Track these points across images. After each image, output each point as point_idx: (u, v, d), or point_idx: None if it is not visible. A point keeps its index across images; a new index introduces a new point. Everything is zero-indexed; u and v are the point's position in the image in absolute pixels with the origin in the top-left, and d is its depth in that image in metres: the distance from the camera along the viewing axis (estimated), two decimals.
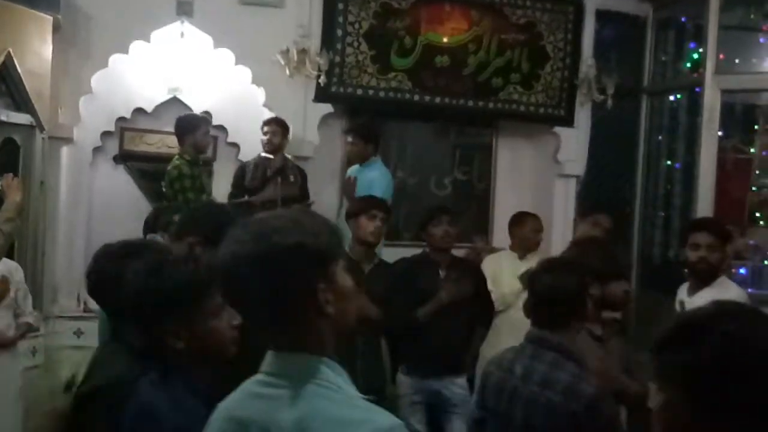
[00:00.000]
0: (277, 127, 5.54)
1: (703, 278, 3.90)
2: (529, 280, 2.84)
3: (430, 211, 4.83)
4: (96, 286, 2.40)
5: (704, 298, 3.75)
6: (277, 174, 5.48)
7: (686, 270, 4.00)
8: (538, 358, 2.61)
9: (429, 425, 4.68)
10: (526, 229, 5.18)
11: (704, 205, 6.06)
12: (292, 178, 5.60)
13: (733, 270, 6.22)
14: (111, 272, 2.26)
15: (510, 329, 4.51)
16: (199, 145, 5.31)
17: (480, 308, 4.68)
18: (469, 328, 4.70)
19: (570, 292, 2.64)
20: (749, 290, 6.02)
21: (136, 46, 5.58)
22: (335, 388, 1.49)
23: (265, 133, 5.52)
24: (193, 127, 5.28)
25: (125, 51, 5.55)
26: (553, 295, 2.65)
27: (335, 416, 1.44)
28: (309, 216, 1.58)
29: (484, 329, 4.71)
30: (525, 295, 4.27)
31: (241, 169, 5.61)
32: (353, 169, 5.68)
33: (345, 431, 1.42)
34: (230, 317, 1.86)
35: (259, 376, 1.55)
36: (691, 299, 3.86)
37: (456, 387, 4.53)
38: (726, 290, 3.86)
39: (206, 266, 1.89)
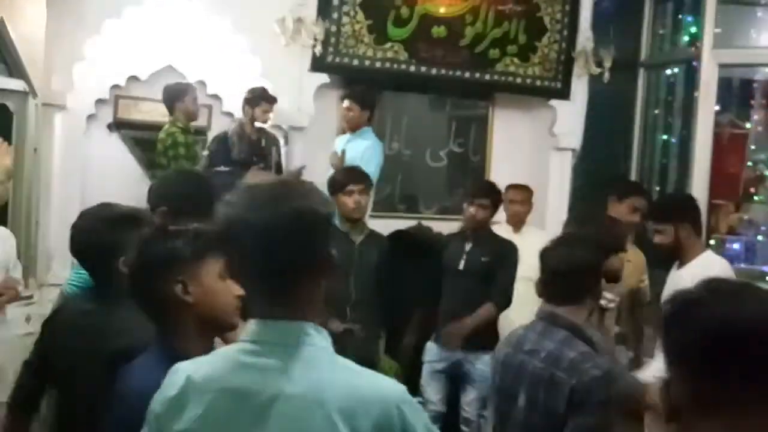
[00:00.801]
0: (272, 106, 5.56)
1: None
2: (541, 255, 2.79)
3: (472, 188, 4.93)
4: (82, 242, 2.44)
5: (689, 271, 3.71)
6: (258, 142, 5.52)
7: None
8: (549, 335, 2.59)
9: (448, 397, 4.77)
10: (506, 201, 5.19)
11: (700, 180, 6.10)
12: (272, 147, 5.64)
13: (727, 245, 6.29)
14: (98, 227, 2.38)
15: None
16: (189, 111, 5.32)
17: (498, 285, 4.63)
18: None
19: (584, 267, 2.63)
20: (742, 265, 6.11)
21: (130, 12, 5.52)
22: (330, 353, 1.52)
23: (264, 111, 5.49)
24: (181, 94, 5.30)
25: (119, 17, 5.49)
26: (566, 269, 2.62)
27: (349, 385, 1.47)
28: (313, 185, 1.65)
29: (493, 307, 4.58)
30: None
31: (222, 140, 5.52)
32: (343, 139, 5.67)
33: (361, 402, 1.44)
34: (234, 287, 1.87)
35: (241, 345, 1.54)
36: (678, 272, 3.84)
37: (480, 363, 4.54)
38: (710, 263, 3.82)
39: (207, 231, 1.90)
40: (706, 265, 3.75)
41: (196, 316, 1.88)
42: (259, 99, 5.48)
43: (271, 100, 5.52)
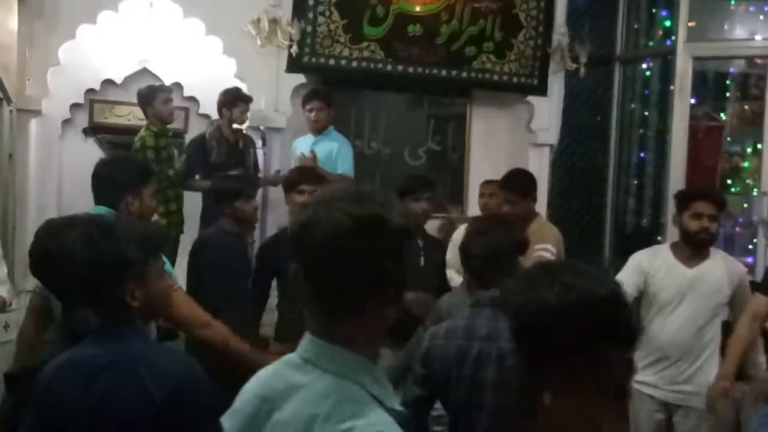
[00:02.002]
0: (249, 106, 5.55)
1: (702, 248, 3.83)
2: (464, 247, 2.85)
3: (409, 183, 4.72)
4: (38, 264, 2.30)
5: (705, 271, 3.76)
6: (235, 144, 5.51)
7: (684, 239, 3.94)
8: (501, 318, 2.49)
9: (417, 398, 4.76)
10: (480, 196, 5.24)
11: (676, 173, 6.13)
12: (249, 148, 5.65)
13: None
14: (53, 249, 2.20)
15: None
16: (160, 114, 5.31)
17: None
18: None
19: (508, 247, 2.73)
20: None
21: (104, 16, 5.50)
22: (366, 396, 1.39)
23: (242, 112, 5.49)
24: (150, 98, 5.30)
25: (93, 21, 5.47)
26: (493, 253, 2.70)
27: (338, 415, 1.35)
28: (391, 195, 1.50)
29: None
30: None
31: (199, 144, 5.50)
32: (304, 141, 5.62)
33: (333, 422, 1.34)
34: (169, 280, 2.02)
35: (294, 358, 1.48)
36: (694, 271, 3.80)
37: None
38: (730, 266, 3.86)
39: (150, 231, 1.99)
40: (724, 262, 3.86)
41: (137, 314, 1.97)
42: (236, 99, 5.47)
43: (247, 100, 5.52)
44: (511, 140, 6.84)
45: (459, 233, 5.21)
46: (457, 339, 2.67)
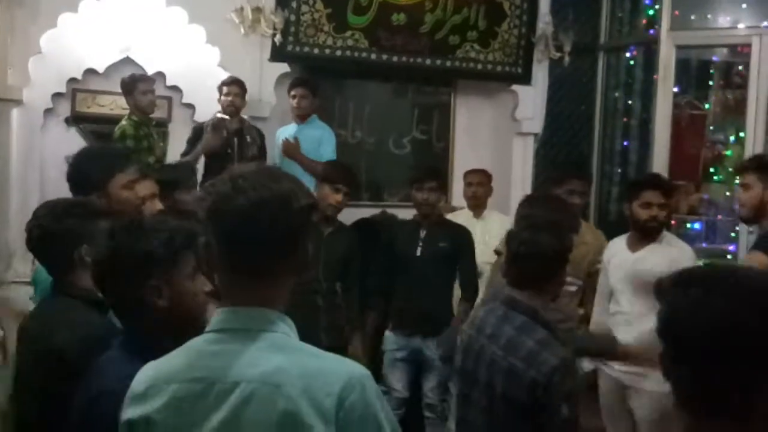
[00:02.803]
0: (238, 89, 5.49)
1: (651, 235, 3.91)
2: (507, 237, 2.77)
3: (417, 173, 4.89)
4: (39, 241, 2.39)
5: (654, 253, 3.82)
6: (235, 135, 5.44)
7: (633, 227, 4.01)
8: (509, 320, 2.58)
9: (410, 383, 4.77)
10: (465, 185, 5.23)
11: (660, 161, 6.15)
12: (249, 139, 5.58)
13: (688, 224, 6.38)
14: (53, 227, 2.31)
15: None
16: (139, 104, 5.26)
17: (463, 273, 4.69)
18: (449, 291, 4.74)
19: (548, 251, 2.58)
20: (703, 244, 6.20)
21: (86, 4, 5.46)
22: (293, 339, 1.55)
23: (226, 94, 5.46)
24: (131, 87, 5.26)
25: (75, 10, 5.43)
26: (528, 253, 2.58)
27: (310, 366, 1.48)
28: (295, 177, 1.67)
29: (466, 303, 4.56)
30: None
31: (198, 131, 5.52)
32: (288, 129, 5.66)
33: (323, 380, 1.45)
34: (203, 283, 1.85)
35: (207, 336, 1.56)
36: (636, 255, 3.89)
37: (435, 347, 4.59)
38: (677, 248, 3.90)
39: (183, 228, 1.87)
40: (670, 247, 3.87)
41: (168, 318, 1.83)
42: (221, 86, 5.48)
43: (230, 83, 5.48)
44: (495, 129, 6.86)
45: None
46: (471, 328, 2.73)
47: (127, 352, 1.81)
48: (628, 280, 3.85)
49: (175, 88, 5.93)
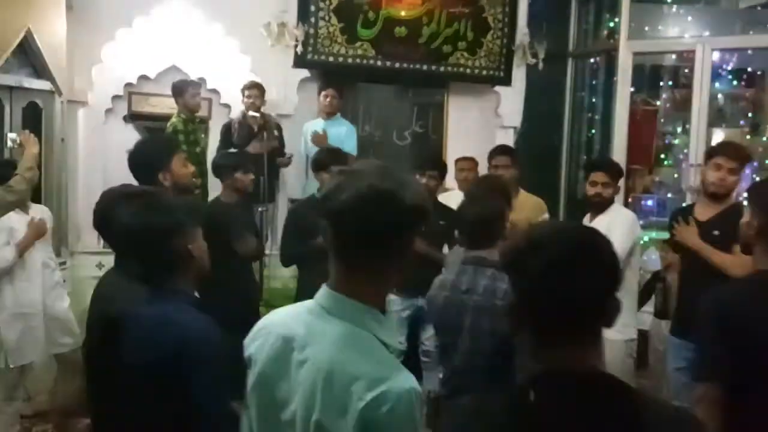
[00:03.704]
0: (258, 91, 5.48)
1: (599, 209, 3.91)
2: (459, 212, 2.82)
3: (422, 160, 4.87)
4: (101, 221, 2.39)
5: (599, 223, 3.77)
6: (261, 131, 5.42)
7: (585, 202, 4.03)
8: (480, 274, 2.60)
9: (410, 336, 4.76)
10: (456, 170, 5.20)
11: (619, 149, 6.13)
12: (276, 133, 5.58)
13: (642, 202, 6.37)
14: (112, 210, 2.22)
15: None
16: (189, 104, 5.26)
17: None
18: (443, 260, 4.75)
19: (497, 215, 2.69)
20: (654, 218, 6.19)
21: (139, 21, 5.48)
22: (374, 340, 1.39)
23: (248, 97, 5.43)
24: (181, 91, 5.26)
25: (129, 25, 5.46)
26: (483, 219, 2.68)
27: (360, 371, 1.32)
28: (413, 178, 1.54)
29: None
30: None
31: (228, 128, 5.51)
32: (315, 124, 5.66)
33: (364, 385, 1.29)
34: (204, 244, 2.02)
35: (309, 304, 1.47)
36: (590, 224, 3.84)
37: None
38: (616, 214, 3.91)
39: (193, 202, 2.07)
40: (614, 215, 3.87)
41: (193, 267, 1.99)
42: (244, 89, 5.46)
43: (252, 87, 5.45)
44: (481, 123, 6.80)
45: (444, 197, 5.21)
46: (445, 290, 2.72)
47: (168, 299, 1.92)
48: None
49: (214, 91, 5.91)
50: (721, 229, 3.32)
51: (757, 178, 5.25)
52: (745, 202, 2.31)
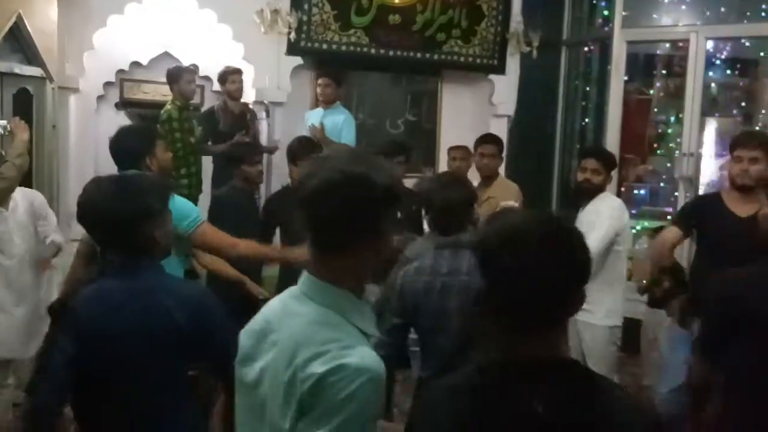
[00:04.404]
0: (241, 77, 5.39)
1: (588, 195, 3.88)
2: (426, 199, 2.78)
3: (384, 148, 4.69)
4: (82, 212, 2.29)
5: (588, 210, 3.80)
6: (243, 117, 5.36)
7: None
8: (459, 256, 2.57)
9: None
10: (449, 159, 5.14)
11: (612, 138, 6.06)
12: (254, 117, 5.54)
13: (635, 191, 6.29)
14: (94, 200, 2.15)
15: None
16: (184, 92, 5.16)
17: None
18: None
19: (466, 201, 2.68)
20: (647, 207, 6.13)
21: (131, 7, 5.39)
22: (345, 324, 1.36)
23: (233, 82, 5.32)
24: (177, 77, 5.16)
25: (121, 12, 5.37)
26: (454, 205, 2.66)
27: (322, 348, 1.29)
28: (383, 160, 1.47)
29: None
30: None
31: (210, 114, 5.40)
32: (315, 113, 5.54)
33: (321, 359, 1.28)
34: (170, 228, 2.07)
35: (293, 289, 1.45)
36: (581, 211, 3.86)
37: None
38: (603, 201, 3.86)
39: (164, 184, 2.11)
40: (600, 202, 3.82)
41: (159, 251, 2.03)
42: (226, 74, 5.34)
43: (236, 71, 5.36)
44: (475, 112, 6.75)
45: None
46: (424, 275, 2.64)
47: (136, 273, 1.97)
48: None
49: (207, 78, 5.84)
50: None
51: None
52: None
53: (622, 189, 6.10)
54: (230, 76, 5.32)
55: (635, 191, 6.26)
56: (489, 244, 1.33)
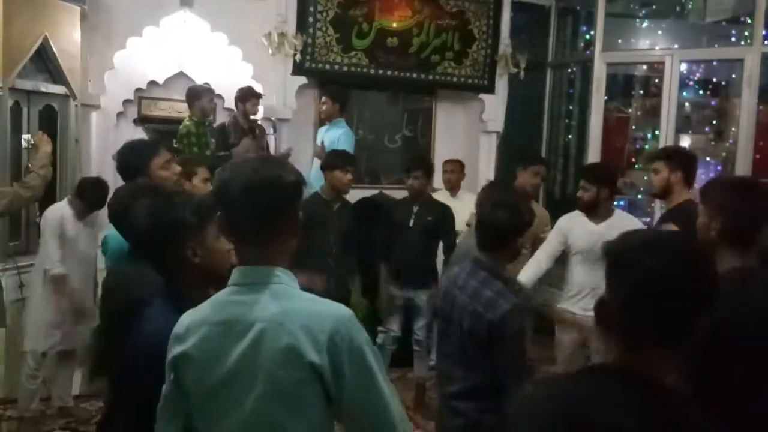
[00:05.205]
0: (259, 100, 5.51)
1: (584, 209, 3.96)
2: (477, 212, 2.75)
3: (408, 162, 4.92)
4: (114, 214, 2.43)
5: (615, 225, 3.74)
6: (251, 131, 5.46)
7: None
8: (474, 275, 2.56)
9: (403, 325, 4.86)
10: (443, 171, 5.28)
11: (593, 154, 6.22)
12: (265, 134, 5.64)
13: (615, 202, 6.41)
14: (125, 205, 2.25)
15: None
16: (205, 109, 5.27)
17: (445, 240, 4.72)
18: (434, 253, 4.79)
19: (504, 226, 2.54)
20: None
21: (149, 30, 5.48)
22: (294, 289, 1.54)
23: (253, 105, 5.43)
24: (200, 95, 5.25)
25: (140, 34, 5.45)
26: (490, 226, 2.56)
27: (306, 310, 1.48)
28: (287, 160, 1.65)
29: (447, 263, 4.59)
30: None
31: (223, 130, 5.48)
32: (322, 129, 5.66)
33: (317, 320, 1.45)
34: (225, 243, 1.80)
35: (227, 290, 1.55)
36: (598, 226, 3.90)
37: (425, 296, 4.67)
38: (628, 221, 3.95)
39: (205, 200, 1.85)
40: (622, 220, 3.91)
41: (200, 273, 1.83)
42: (249, 95, 5.43)
43: (258, 95, 5.47)
44: (467, 128, 6.87)
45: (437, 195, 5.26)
46: (448, 280, 2.73)
47: (166, 306, 1.79)
48: (590, 244, 3.81)
49: (219, 96, 5.94)
50: None
51: None
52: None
53: None
54: (252, 99, 5.41)
55: (614, 203, 6.36)
56: (626, 242, 1.31)
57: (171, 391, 1.59)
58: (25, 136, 4.73)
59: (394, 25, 6.14)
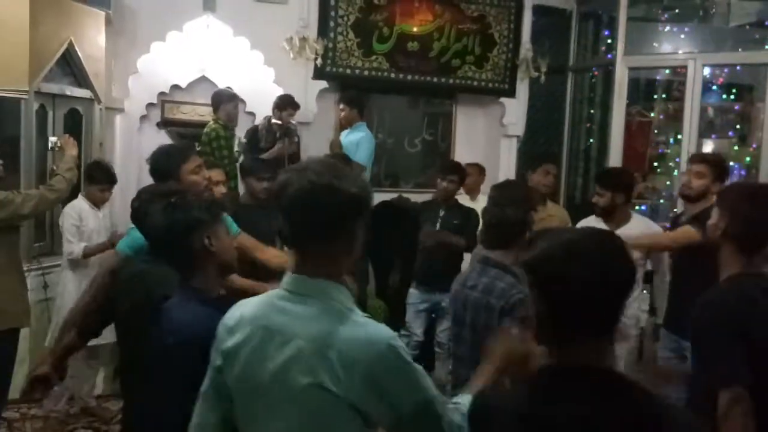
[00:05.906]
0: (296, 111, 5.45)
1: (601, 215, 3.93)
2: (482, 212, 2.75)
3: (446, 166, 4.93)
4: (136, 214, 2.39)
5: (633, 228, 3.83)
6: (283, 136, 5.39)
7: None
8: (485, 273, 2.55)
9: (426, 329, 4.83)
10: (466, 176, 5.22)
11: (615, 158, 6.11)
12: (296, 139, 5.56)
13: (636, 207, 6.31)
14: (147, 205, 2.22)
15: None
16: (230, 114, 5.23)
17: (469, 246, 4.62)
18: (460, 256, 4.75)
19: (510, 221, 2.55)
20: None
21: (172, 35, 5.49)
22: (346, 309, 1.46)
23: (289, 114, 5.36)
24: (225, 100, 5.22)
25: (163, 39, 5.47)
26: (497, 222, 2.56)
27: (350, 335, 1.40)
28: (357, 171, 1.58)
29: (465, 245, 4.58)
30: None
31: (254, 132, 5.45)
32: (345, 132, 5.60)
33: (360, 347, 1.38)
34: (232, 240, 2.01)
35: (278, 292, 1.50)
36: (621, 229, 3.80)
37: (448, 299, 4.60)
38: (640, 222, 3.99)
39: (215, 199, 2.04)
40: (640, 223, 3.93)
41: (215, 263, 1.95)
42: (287, 104, 5.37)
43: (296, 106, 5.41)
44: (487, 132, 6.81)
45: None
46: (458, 284, 2.71)
47: (189, 296, 1.89)
48: None
49: (240, 100, 5.90)
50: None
51: None
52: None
53: None
54: (290, 108, 5.34)
55: (636, 207, 6.28)
56: (548, 257, 1.33)
57: (215, 378, 1.56)
58: (52, 139, 4.72)
59: (415, 29, 6.10)
